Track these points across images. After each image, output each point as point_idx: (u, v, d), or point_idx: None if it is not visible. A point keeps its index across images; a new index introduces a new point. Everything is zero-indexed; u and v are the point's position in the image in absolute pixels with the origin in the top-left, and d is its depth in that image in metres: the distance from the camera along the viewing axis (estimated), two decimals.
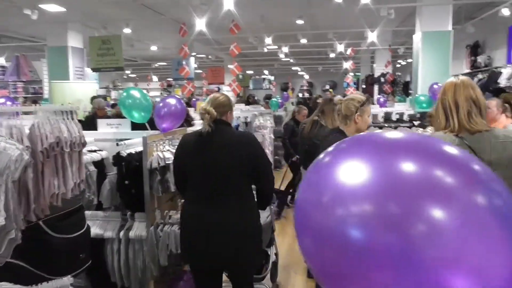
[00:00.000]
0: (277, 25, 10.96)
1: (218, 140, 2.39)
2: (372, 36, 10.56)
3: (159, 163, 3.11)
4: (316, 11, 9.59)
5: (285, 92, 20.19)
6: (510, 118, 4.39)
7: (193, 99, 10.75)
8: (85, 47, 10.42)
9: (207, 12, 8.38)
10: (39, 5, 8.18)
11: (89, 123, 4.66)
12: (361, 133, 4.17)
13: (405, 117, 7.18)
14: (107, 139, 3.56)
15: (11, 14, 9.11)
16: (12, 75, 12.20)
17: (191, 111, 7.48)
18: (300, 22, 8.39)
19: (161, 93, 25.50)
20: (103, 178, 3.20)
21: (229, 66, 20.16)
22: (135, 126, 3.59)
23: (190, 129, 4.60)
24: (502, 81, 8.58)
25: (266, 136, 7.12)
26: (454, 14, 8.03)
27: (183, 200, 2.64)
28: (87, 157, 3.02)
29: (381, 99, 9.79)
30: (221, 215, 2.34)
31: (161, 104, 3.40)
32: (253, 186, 2.56)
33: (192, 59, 11.89)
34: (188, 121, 5.73)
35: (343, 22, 11.45)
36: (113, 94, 21.99)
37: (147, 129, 3.42)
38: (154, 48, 12.83)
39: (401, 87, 15.13)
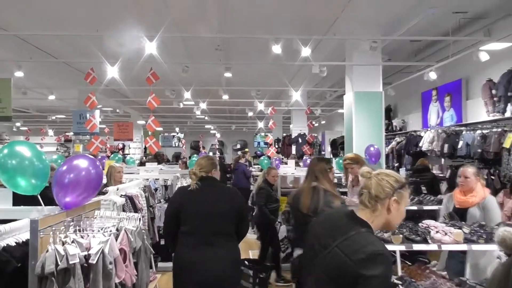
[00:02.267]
0: (202, 78, 10.19)
1: (211, 192, 3.06)
2: (296, 96, 10.29)
3: (57, 264, 1.92)
4: (240, 66, 9.06)
5: (203, 151, 19.43)
6: (484, 185, 3.97)
7: (99, 157, 9.22)
8: None
9: (119, 60, 7.30)
10: None
11: None
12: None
13: (343, 181, 6.75)
14: None
15: None
16: None
17: None
18: (228, 75, 7.70)
19: (57, 148, 22.94)
20: None
21: (138, 121, 18.86)
22: (21, 200, 2.34)
23: (102, 198, 3.40)
24: (424, 145, 8.65)
25: None
26: None
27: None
28: None
29: (308, 161, 9.33)
30: (219, 254, 2.93)
31: (64, 168, 2.22)
32: None
33: (97, 112, 10.47)
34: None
35: (266, 80, 11.13)
36: None
37: (40, 205, 2.20)
38: (52, 97, 11.13)
39: (318, 148, 15.18)
